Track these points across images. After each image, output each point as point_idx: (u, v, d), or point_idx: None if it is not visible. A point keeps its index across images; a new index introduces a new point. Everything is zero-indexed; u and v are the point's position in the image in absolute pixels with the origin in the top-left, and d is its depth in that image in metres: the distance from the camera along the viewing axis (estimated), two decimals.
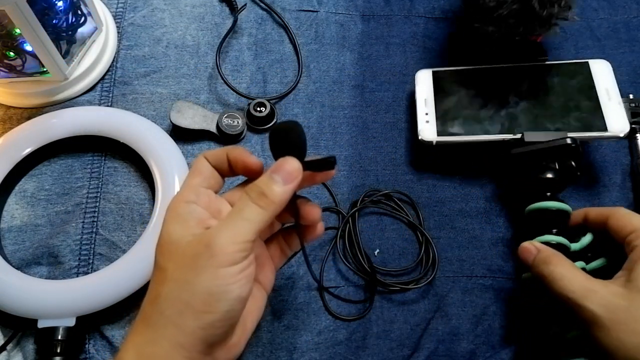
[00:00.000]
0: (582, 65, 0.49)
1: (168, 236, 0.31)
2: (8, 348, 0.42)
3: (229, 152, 0.34)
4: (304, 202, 0.35)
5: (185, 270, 0.29)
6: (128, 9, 0.57)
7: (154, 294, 0.30)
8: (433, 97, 0.50)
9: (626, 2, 0.58)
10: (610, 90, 0.47)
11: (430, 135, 0.48)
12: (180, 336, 0.29)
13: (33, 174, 0.49)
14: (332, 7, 0.58)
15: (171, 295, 0.29)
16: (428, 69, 0.52)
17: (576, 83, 0.48)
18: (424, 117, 0.49)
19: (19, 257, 0.46)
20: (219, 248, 0.29)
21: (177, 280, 0.29)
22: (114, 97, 0.53)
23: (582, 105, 0.47)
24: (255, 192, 0.31)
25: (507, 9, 0.45)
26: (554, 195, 0.44)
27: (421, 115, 0.49)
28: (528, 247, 0.41)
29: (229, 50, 0.56)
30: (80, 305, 0.42)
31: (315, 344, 0.44)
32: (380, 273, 0.46)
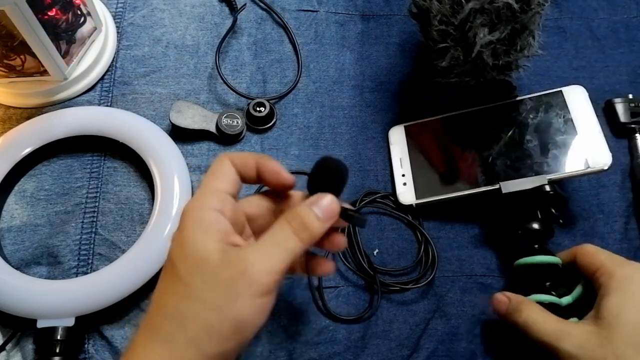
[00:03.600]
0: (556, 96, 0.47)
1: (193, 247, 0.29)
2: (7, 348, 0.42)
3: (261, 161, 0.33)
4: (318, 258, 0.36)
5: (217, 293, 0.28)
6: (128, 9, 0.57)
7: (173, 310, 0.28)
8: (408, 155, 0.49)
9: (626, 2, 0.58)
10: (588, 120, 0.44)
11: (409, 198, 0.48)
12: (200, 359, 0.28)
13: (33, 174, 0.49)
14: (332, 7, 0.58)
15: (199, 318, 0.28)
16: (400, 126, 0.51)
17: (551, 117, 0.46)
18: (400, 180, 0.49)
19: (18, 257, 0.46)
20: (257, 278, 0.28)
21: (206, 302, 0.28)
22: (114, 97, 0.53)
23: (560, 140, 0.45)
24: (298, 223, 0.30)
25: (461, 69, 0.44)
26: (542, 246, 0.43)
27: (398, 177, 0.49)
28: (500, 298, 0.41)
29: (229, 50, 0.56)
30: (80, 305, 0.42)
31: (315, 344, 0.44)
32: (380, 273, 0.46)
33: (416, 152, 0.49)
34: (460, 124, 0.49)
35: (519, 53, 0.43)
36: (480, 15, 0.41)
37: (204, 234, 0.29)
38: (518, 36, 0.42)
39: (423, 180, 0.48)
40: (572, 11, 0.58)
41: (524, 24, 0.41)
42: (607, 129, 0.51)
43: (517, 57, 0.43)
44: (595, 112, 0.45)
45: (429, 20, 0.44)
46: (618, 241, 0.47)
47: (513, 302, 0.40)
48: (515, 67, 0.45)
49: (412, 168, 0.49)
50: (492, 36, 0.41)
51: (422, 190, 0.47)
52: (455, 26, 0.42)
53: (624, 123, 0.50)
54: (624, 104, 0.51)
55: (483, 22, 0.41)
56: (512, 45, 0.42)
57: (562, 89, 0.47)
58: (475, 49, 0.41)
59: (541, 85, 0.53)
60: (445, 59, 0.43)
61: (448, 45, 0.43)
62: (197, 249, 0.29)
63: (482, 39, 0.41)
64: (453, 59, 0.43)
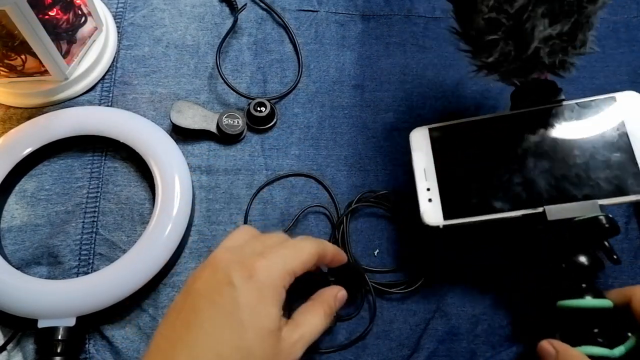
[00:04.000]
0: (608, 102, 0.40)
1: (267, 320, 0.32)
2: (8, 348, 0.42)
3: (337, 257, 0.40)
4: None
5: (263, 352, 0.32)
6: (128, 9, 0.57)
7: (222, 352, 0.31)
8: (433, 165, 0.42)
9: (626, 2, 0.58)
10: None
11: (436, 218, 0.40)
12: None
13: (33, 174, 0.49)
14: (332, 7, 0.58)
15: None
16: (424, 128, 0.45)
17: (603, 128, 0.39)
18: (425, 195, 0.42)
19: (19, 257, 0.46)
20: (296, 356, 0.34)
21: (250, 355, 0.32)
22: (114, 97, 0.53)
23: (613, 158, 0.38)
24: (330, 315, 0.38)
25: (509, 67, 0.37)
26: (591, 285, 0.37)
27: (422, 191, 0.42)
28: (547, 348, 0.37)
29: (229, 50, 0.56)
30: (80, 305, 0.42)
31: (315, 344, 0.44)
32: (379, 273, 0.46)
33: (444, 161, 0.42)
34: (496, 129, 0.42)
35: (577, 50, 0.37)
36: (542, 4, 0.34)
37: (275, 309, 0.33)
38: (580, 30, 0.36)
39: (452, 197, 0.41)
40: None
41: (589, 16, 0.35)
42: None
43: (574, 54, 0.37)
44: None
45: (475, 4, 0.36)
46: (618, 241, 0.47)
47: (561, 355, 0.36)
48: (569, 66, 0.38)
49: (439, 181, 0.42)
50: (553, 29, 0.35)
51: (452, 209, 0.40)
52: (510, 15, 0.35)
53: None
54: None
55: (544, 12, 0.34)
56: (573, 40, 0.36)
57: (615, 94, 0.40)
58: (533, 45, 0.35)
59: None
60: (492, 54, 0.37)
61: (498, 38, 0.36)
62: (268, 321, 0.32)
63: (541, 32, 0.35)
64: (502, 55, 0.37)
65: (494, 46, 0.37)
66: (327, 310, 0.38)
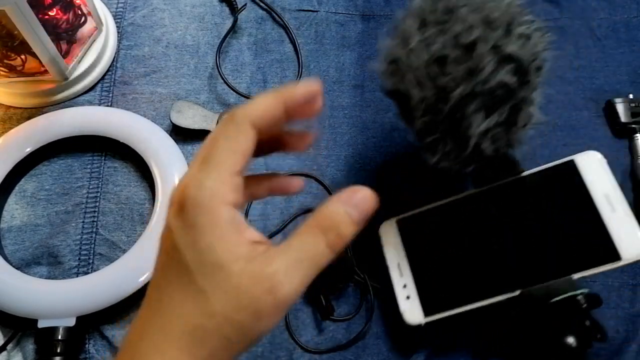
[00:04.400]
0: (567, 167, 0.38)
1: (211, 253, 0.25)
2: (8, 348, 0.42)
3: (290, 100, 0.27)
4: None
5: (242, 313, 0.25)
6: (128, 9, 0.57)
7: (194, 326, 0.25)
8: (407, 260, 0.41)
9: (626, 2, 0.58)
10: (611, 196, 0.36)
11: (416, 317, 0.39)
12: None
13: (33, 174, 0.49)
14: (332, 7, 0.58)
15: (221, 334, 0.25)
16: (391, 221, 0.43)
17: (566, 196, 0.37)
18: (402, 292, 0.40)
19: (19, 257, 0.46)
20: (286, 299, 0.25)
21: (231, 321, 0.25)
22: (114, 97, 0.53)
23: (581, 226, 0.36)
24: (334, 233, 0.26)
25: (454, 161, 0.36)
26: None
27: (399, 289, 0.41)
28: None
29: (229, 50, 0.56)
30: (80, 305, 0.42)
31: (315, 344, 0.44)
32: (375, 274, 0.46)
33: (416, 253, 0.41)
34: (460, 212, 0.41)
35: (522, 129, 0.36)
36: (474, 99, 0.33)
37: (221, 240, 0.25)
38: (519, 112, 0.35)
39: (430, 291, 0.39)
40: (572, 11, 0.58)
41: (525, 97, 0.35)
42: (608, 129, 0.51)
43: (520, 134, 0.36)
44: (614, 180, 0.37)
45: (409, 108, 0.36)
46: None
47: None
48: (518, 144, 0.37)
49: (415, 276, 0.40)
50: (490, 121, 0.34)
51: (431, 304, 0.39)
52: (445, 115, 0.34)
53: (625, 123, 0.50)
54: (625, 104, 0.51)
55: (478, 107, 0.33)
56: (514, 124, 0.35)
57: (574, 157, 0.38)
58: (472, 141, 0.34)
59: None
60: (435, 154, 0.36)
61: (438, 138, 0.35)
62: (216, 257, 0.25)
63: (478, 127, 0.34)
64: (444, 155, 0.36)
65: (435, 146, 0.36)
66: (326, 225, 0.26)
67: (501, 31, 0.34)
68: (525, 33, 0.35)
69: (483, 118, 0.34)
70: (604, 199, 0.36)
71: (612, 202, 0.36)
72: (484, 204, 0.40)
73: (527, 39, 0.34)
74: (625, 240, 0.35)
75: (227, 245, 0.25)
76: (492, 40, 0.33)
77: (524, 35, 0.34)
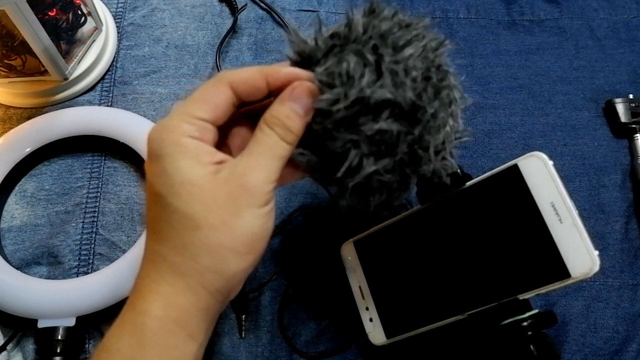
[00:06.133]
0: (511, 173, 0.34)
1: (180, 176, 0.27)
2: (8, 348, 0.42)
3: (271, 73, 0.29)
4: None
5: (222, 213, 0.27)
6: (128, 9, 0.57)
7: (183, 243, 0.27)
8: (366, 282, 0.41)
9: (626, 2, 0.58)
10: (557, 205, 0.32)
11: (380, 338, 0.40)
12: (220, 281, 0.27)
13: (33, 174, 0.49)
14: (332, 7, 0.58)
15: (210, 242, 0.27)
16: (349, 242, 0.43)
17: (511, 205, 0.34)
18: (366, 315, 0.41)
19: (19, 257, 0.46)
20: (257, 189, 0.27)
21: (214, 225, 0.27)
22: (114, 97, 0.53)
23: (527, 241, 0.33)
24: (282, 128, 0.28)
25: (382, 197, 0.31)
26: None
27: (363, 312, 0.41)
28: None
29: (229, 50, 0.56)
30: (80, 305, 0.42)
31: (315, 344, 0.44)
32: None
33: (374, 275, 0.41)
34: (410, 229, 0.39)
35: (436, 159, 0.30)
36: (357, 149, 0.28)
37: (187, 160, 0.27)
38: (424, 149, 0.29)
39: (390, 313, 0.39)
40: (572, 11, 0.58)
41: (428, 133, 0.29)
42: (608, 129, 0.52)
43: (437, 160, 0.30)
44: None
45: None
46: (618, 241, 0.47)
47: None
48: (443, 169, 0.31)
49: (374, 298, 0.40)
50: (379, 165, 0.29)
51: (391, 326, 0.39)
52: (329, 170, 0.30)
53: (625, 123, 0.50)
54: (624, 104, 0.51)
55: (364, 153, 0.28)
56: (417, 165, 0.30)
57: (517, 161, 0.34)
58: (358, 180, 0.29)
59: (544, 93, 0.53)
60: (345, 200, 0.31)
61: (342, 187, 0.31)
62: (185, 177, 0.27)
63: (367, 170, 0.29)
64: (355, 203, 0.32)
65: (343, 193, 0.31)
66: (273, 120, 0.28)
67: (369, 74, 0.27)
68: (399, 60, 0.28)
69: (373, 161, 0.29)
70: (550, 208, 0.32)
71: (559, 211, 0.32)
72: (431, 219, 0.38)
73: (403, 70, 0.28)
74: (574, 255, 0.31)
75: (194, 165, 0.27)
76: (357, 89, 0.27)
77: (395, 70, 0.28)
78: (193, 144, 0.27)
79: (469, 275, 0.36)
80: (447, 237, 0.37)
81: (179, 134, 0.28)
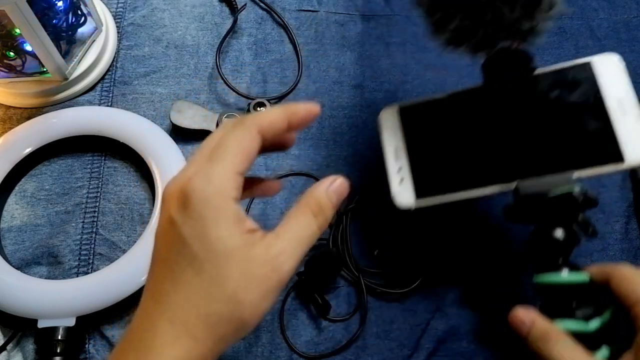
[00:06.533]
0: (584, 68, 0.37)
1: (223, 245, 0.27)
2: (8, 348, 0.42)
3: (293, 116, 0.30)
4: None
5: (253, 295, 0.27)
6: (128, 9, 0.57)
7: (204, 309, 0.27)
8: (404, 145, 0.41)
9: (626, 2, 0.58)
10: (624, 101, 0.35)
11: (407, 200, 0.39)
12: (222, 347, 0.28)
13: (33, 174, 0.49)
14: (332, 7, 0.58)
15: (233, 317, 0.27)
16: (394, 106, 0.43)
17: (578, 96, 0.37)
18: (396, 176, 0.40)
19: (18, 257, 0.46)
20: (287, 274, 0.28)
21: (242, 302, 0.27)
22: (114, 97, 0.53)
23: (589, 127, 0.36)
24: (323, 216, 0.30)
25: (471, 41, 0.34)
26: (567, 260, 0.35)
27: (393, 172, 0.40)
28: (521, 317, 0.35)
29: (229, 50, 0.56)
30: (80, 305, 0.42)
31: (315, 344, 0.44)
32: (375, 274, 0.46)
33: (415, 140, 0.40)
34: (467, 104, 0.40)
35: (545, 14, 0.33)
36: None
37: (229, 230, 0.27)
38: None
39: (425, 176, 0.39)
40: (572, 11, 0.58)
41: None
42: None
43: (541, 18, 0.33)
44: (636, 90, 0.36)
45: None
46: (618, 241, 0.47)
47: (539, 327, 0.34)
48: (538, 32, 0.34)
49: (411, 160, 0.40)
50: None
51: (424, 189, 0.39)
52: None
53: None
54: None
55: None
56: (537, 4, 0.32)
57: (591, 59, 0.37)
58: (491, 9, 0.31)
59: None
60: (445, 32, 0.33)
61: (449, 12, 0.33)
62: (227, 249, 0.27)
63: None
64: (457, 31, 0.33)
65: (447, 22, 0.33)
66: (315, 208, 0.30)
67: None
68: None
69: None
70: (616, 103, 0.35)
71: (625, 106, 0.35)
72: (490, 97, 0.39)
73: None
74: (632, 144, 0.34)
75: (234, 236, 0.27)
76: None
77: None
78: (235, 210, 0.28)
79: (525, 147, 0.37)
80: (507, 112, 0.38)
81: (226, 198, 0.28)
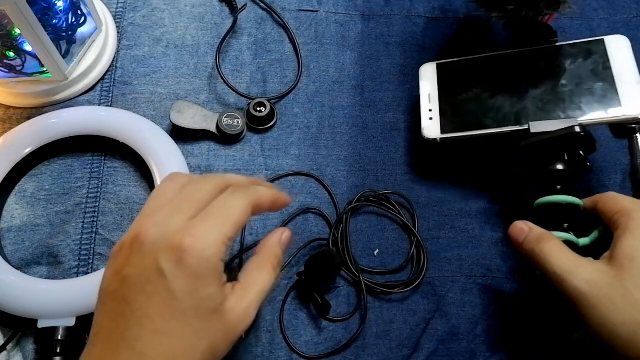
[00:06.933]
0: (597, 44, 0.46)
1: (214, 303, 0.31)
2: (8, 348, 0.42)
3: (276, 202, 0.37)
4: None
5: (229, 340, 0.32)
6: (128, 9, 0.57)
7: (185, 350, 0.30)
8: (437, 92, 0.49)
9: (626, 2, 0.58)
10: (627, 70, 0.44)
11: (434, 132, 0.47)
12: None
13: (33, 174, 0.49)
14: (332, 7, 0.58)
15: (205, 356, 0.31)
16: (432, 63, 0.51)
17: (590, 64, 0.46)
18: (427, 114, 0.48)
19: (18, 257, 0.46)
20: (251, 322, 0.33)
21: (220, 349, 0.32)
22: (114, 97, 0.53)
23: (596, 88, 0.44)
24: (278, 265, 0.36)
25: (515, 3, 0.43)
26: (565, 188, 0.42)
27: (425, 112, 0.49)
28: (521, 226, 0.40)
29: (229, 50, 0.56)
30: (80, 305, 0.42)
31: (315, 344, 0.44)
32: (375, 274, 0.46)
33: (446, 89, 0.49)
34: (495, 64, 0.49)
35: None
36: None
37: (216, 286, 0.31)
38: None
39: (450, 116, 0.48)
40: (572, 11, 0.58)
41: None
42: (608, 129, 0.51)
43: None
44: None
45: None
46: None
47: (534, 232, 0.39)
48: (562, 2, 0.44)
49: (440, 104, 0.49)
50: None
51: (448, 126, 0.47)
52: None
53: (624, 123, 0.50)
54: None
55: None
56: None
57: (604, 37, 0.46)
58: None
59: None
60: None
61: None
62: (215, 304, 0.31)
63: None
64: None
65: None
66: (275, 261, 0.36)
67: None
68: None
69: None
70: (620, 69, 0.44)
71: (628, 74, 0.44)
72: (515, 60, 0.49)
73: None
74: (630, 100, 0.43)
75: (218, 293, 0.31)
76: None
77: None
78: (221, 268, 0.32)
79: (540, 99, 0.45)
80: (528, 71, 0.47)
81: (218, 259, 0.31)
